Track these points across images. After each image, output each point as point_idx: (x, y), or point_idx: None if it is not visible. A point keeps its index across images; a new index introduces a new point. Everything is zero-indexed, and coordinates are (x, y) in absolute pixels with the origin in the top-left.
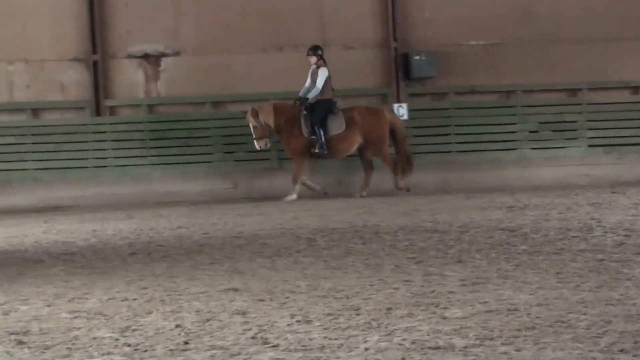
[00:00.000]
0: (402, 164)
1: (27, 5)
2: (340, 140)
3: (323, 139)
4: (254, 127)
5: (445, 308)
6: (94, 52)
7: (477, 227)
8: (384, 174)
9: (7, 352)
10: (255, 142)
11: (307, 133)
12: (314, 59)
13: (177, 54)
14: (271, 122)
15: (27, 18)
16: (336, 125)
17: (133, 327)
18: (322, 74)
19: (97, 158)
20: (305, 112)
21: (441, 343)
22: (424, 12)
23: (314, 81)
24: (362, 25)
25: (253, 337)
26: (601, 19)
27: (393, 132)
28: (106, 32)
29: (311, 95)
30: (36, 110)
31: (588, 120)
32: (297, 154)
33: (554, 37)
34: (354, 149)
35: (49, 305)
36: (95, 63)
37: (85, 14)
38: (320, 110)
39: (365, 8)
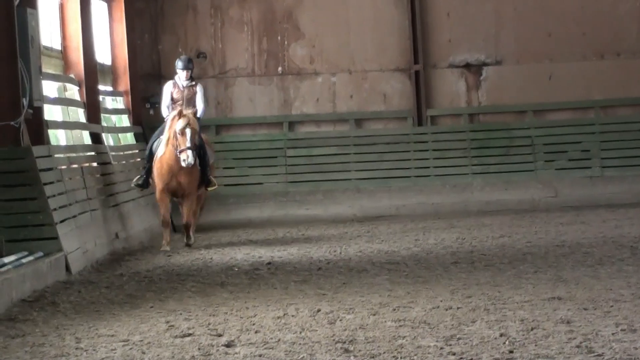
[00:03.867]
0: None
1: (351, 17)
2: (211, 171)
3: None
4: (194, 133)
5: None
6: (416, 62)
7: None
8: None
9: None
10: (190, 152)
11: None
12: (188, 74)
13: (498, 62)
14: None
15: (351, 30)
16: (210, 154)
17: (458, 336)
18: (203, 91)
19: (418, 167)
20: None
21: None
22: None
23: (189, 101)
24: None
25: (578, 346)
26: None
27: None
28: (428, 42)
29: (201, 116)
30: (359, 121)
31: None
32: (197, 188)
33: None
34: None
35: (374, 314)
36: (417, 73)
37: (407, 25)
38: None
39: None
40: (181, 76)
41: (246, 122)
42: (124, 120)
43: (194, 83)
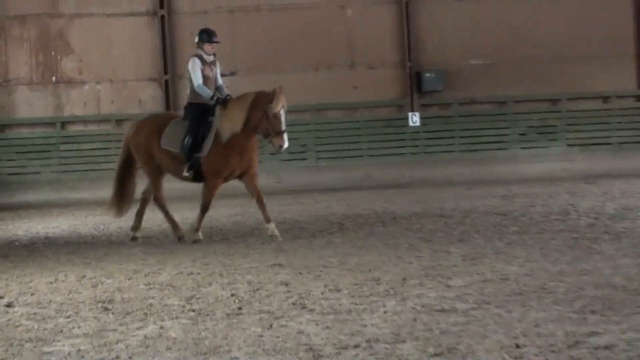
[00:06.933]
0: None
1: (113, 36)
2: None
3: None
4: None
5: (449, 278)
6: (166, 72)
7: (476, 212)
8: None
9: (95, 317)
10: (286, 136)
11: None
12: (213, 48)
13: (232, 73)
14: None
15: (113, 46)
16: None
17: (197, 296)
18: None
19: None
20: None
21: (446, 307)
22: (433, 38)
23: (213, 78)
24: (383, 49)
25: (294, 303)
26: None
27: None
28: (176, 56)
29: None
30: (119, 121)
31: (568, 125)
32: None
33: (537, 56)
34: None
35: (129, 279)
36: (166, 82)
37: (158, 43)
38: None
39: (385, 34)
40: (208, 50)
41: (26, 122)
42: None
43: (215, 59)
